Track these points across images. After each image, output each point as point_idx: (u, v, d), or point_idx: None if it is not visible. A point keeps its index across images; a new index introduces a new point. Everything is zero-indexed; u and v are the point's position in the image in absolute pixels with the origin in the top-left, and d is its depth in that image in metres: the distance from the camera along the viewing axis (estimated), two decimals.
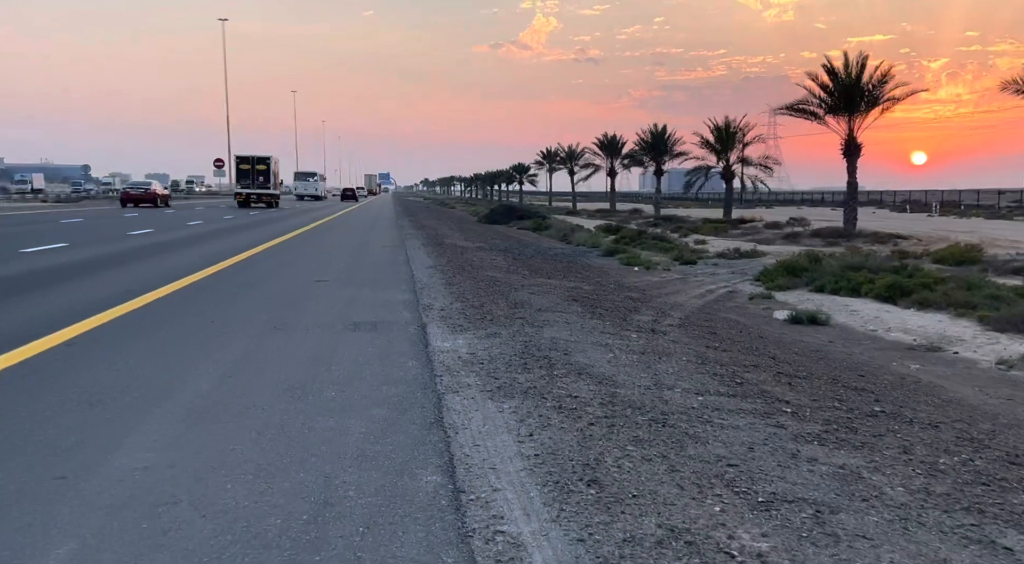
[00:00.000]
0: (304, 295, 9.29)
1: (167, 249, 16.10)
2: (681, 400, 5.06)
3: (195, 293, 9.32)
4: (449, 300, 9.09)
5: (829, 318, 9.99)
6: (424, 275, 11.62)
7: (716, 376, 6.02)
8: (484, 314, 8.15)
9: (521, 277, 12.80)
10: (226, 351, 5.84)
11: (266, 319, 7.32)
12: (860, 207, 71.59)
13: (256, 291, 9.71)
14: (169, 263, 12.95)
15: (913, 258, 17.73)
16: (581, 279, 13.58)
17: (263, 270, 12.32)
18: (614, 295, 11.54)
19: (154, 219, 29.24)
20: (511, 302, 9.34)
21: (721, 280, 15.53)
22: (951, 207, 59.40)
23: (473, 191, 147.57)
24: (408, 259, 14.32)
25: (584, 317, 8.68)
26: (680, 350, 7.12)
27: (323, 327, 6.99)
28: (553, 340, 6.92)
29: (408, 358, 5.76)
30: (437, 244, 19.35)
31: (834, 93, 26.46)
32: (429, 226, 29.87)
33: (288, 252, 16.14)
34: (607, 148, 57.05)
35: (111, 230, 22.36)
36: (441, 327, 7.21)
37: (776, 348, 8.02)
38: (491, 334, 6.95)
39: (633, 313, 9.59)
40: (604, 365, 5.99)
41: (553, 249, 21.47)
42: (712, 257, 20.35)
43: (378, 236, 22.78)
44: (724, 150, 36.47)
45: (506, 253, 18.40)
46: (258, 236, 20.67)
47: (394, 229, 26.59)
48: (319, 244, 19.19)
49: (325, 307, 8.30)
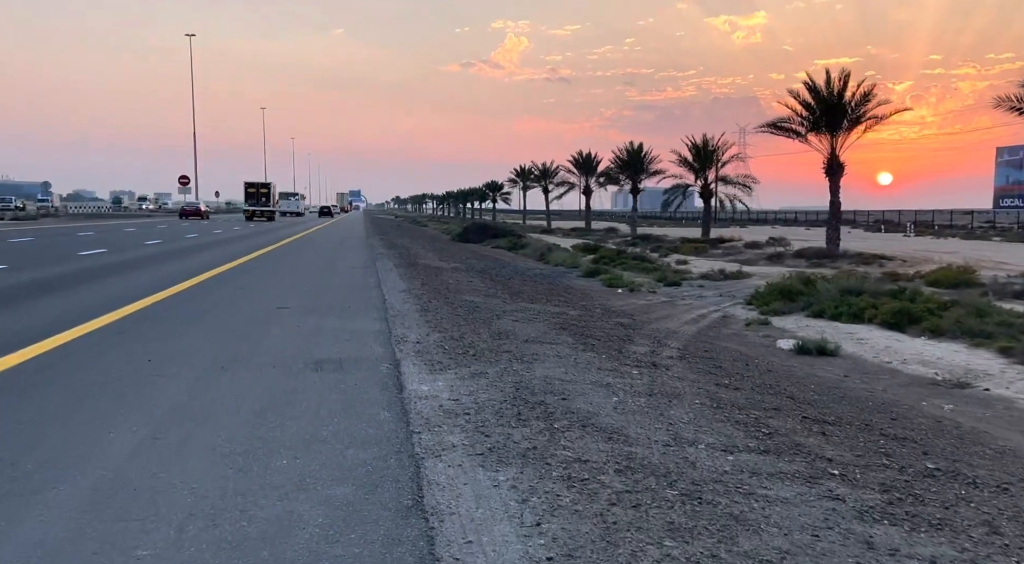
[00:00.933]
0: (262, 325, 8.31)
1: (132, 266, 15.02)
2: (710, 461, 4.19)
3: (135, 323, 8.30)
4: (425, 330, 8.16)
5: (838, 348, 9.20)
6: (397, 300, 10.69)
7: (738, 424, 5.16)
8: (466, 347, 7.24)
9: (502, 301, 11.91)
10: (158, 401, 4.86)
11: (213, 356, 6.34)
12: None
13: (209, 319, 8.71)
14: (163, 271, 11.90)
15: (905, 280, 17.11)
16: (565, 303, 12.73)
17: (221, 295, 11.31)
18: (603, 322, 10.70)
19: (158, 232, 28.04)
20: (494, 332, 8.44)
21: (710, 303, 14.76)
22: (925, 227, 59.54)
23: (445, 209, 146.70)
24: (379, 282, 13.36)
25: (576, 349, 7.80)
26: (689, 390, 6.26)
27: (280, 366, 6.03)
28: (547, 380, 6.03)
29: (380, 407, 4.82)
30: (410, 265, 18.42)
31: (816, 111, 25.98)
32: (401, 245, 28.90)
33: (252, 272, 15.11)
34: (582, 166, 56.51)
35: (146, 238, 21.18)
36: (418, 364, 6.29)
37: (790, 385, 7.19)
38: (476, 373, 6.04)
39: (627, 343, 8.74)
40: (610, 413, 5.11)
41: (531, 270, 20.62)
42: (696, 278, 19.62)
43: (348, 255, 21.79)
44: (702, 168, 35.96)
45: (483, 274, 17.50)
46: (229, 252, 19.63)
47: (364, 248, 25.59)
48: (286, 264, 18.17)
49: (284, 340, 7.33)
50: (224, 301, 10.46)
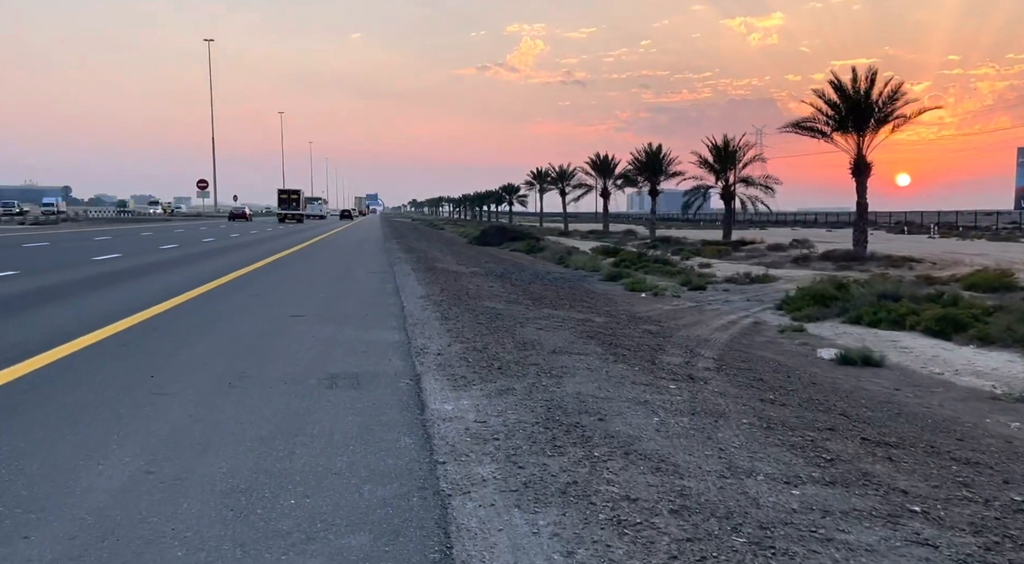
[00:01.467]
0: (274, 336, 7.88)
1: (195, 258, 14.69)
2: (773, 497, 3.69)
3: (142, 334, 7.89)
4: (447, 340, 7.70)
5: (884, 358, 8.66)
6: (416, 307, 10.24)
7: (795, 449, 4.66)
8: (490, 359, 6.78)
9: (524, 308, 11.44)
10: (156, 425, 4.42)
11: (221, 371, 5.90)
12: (851, 229, 70.78)
13: (220, 329, 8.30)
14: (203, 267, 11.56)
15: (940, 284, 16.49)
16: (589, 309, 12.24)
17: (235, 302, 10.91)
18: (631, 329, 10.21)
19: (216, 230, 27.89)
20: (519, 341, 7.97)
21: (739, 308, 14.22)
22: (948, 229, 58.55)
23: (462, 212, 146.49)
24: (397, 288, 12.92)
25: (607, 360, 7.32)
26: (733, 407, 5.77)
27: (291, 382, 5.58)
28: (580, 397, 5.55)
29: (400, 432, 4.36)
30: (428, 269, 17.98)
31: (842, 110, 25.36)
32: (419, 248, 28.49)
33: (269, 276, 14.72)
34: (600, 168, 55.98)
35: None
36: (440, 380, 5.83)
37: (840, 400, 6.67)
38: (503, 389, 5.57)
39: (659, 353, 8.25)
40: (653, 436, 4.62)
41: (551, 273, 20.14)
42: (721, 282, 19.06)
43: (365, 260, 21.39)
44: (723, 169, 35.33)
45: (503, 279, 17.04)
46: (246, 257, 19.28)
47: (382, 253, 25.20)
48: (304, 268, 17.78)
49: (298, 352, 6.89)
50: (237, 308, 10.06)
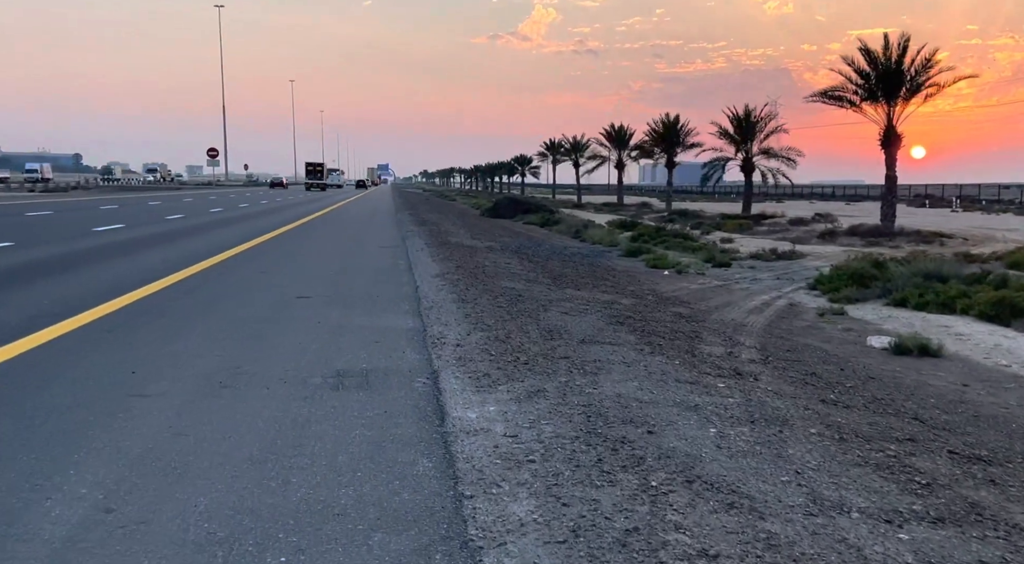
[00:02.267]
0: (277, 321, 7.19)
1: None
2: (879, 545, 2.99)
3: (131, 317, 7.22)
4: (466, 328, 7.00)
5: (941, 348, 7.91)
6: (430, 288, 9.53)
7: (881, 470, 3.95)
8: (515, 351, 6.08)
9: (545, 288, 10.72)
10: (128, 439, 3.73)
11: (214, 365, 5.22)
12: (873, 202, 69.62)
13: (217, 312, 7.62)
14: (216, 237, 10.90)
15: (981, 262, 15.66)
16: (613, 289, 11.51)
17: (237, 279, 10.23)
18: (660, 312, 9.49)
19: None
20: (544, 329, 7.27)
21: (770, 288, 13.45)
22: (970, 202, 57.29)
23: (473, 183, 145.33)
24: (410, 265, 12.22)
25: (642, 352, 6.61)
26: (794, 411, 5.06)
27: (292, 381, 4.89)
28: (621, 400, 4.85)
29: (417, 451, 3.66)
30: (441, 243, 17.26)
31: (871, 78, 24.32)
32: (431, 221, 27.75)
33: (278, 250, 14.04)
34: (614, 139, 54.86)
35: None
36: (460, 378, 5.13)
37: (906, 399, 5.95)
38: (532, 391, 4.87)
39: (696, 341, 7.53)
40: (715, 454, 3.92)
41: (568, 248, 19.39)
42: (746, 258, 18.24)
43: (376, 233, 20.68)
44: (743, 141, 34.27)
45: (519, 254, 16.31)
46: (259, 226, 18.60)
47: (393, 225, 24.48)
48: (314, 241, 17.10)
49: (301, 342, 6.20)
50: (239, 287, 9.38)
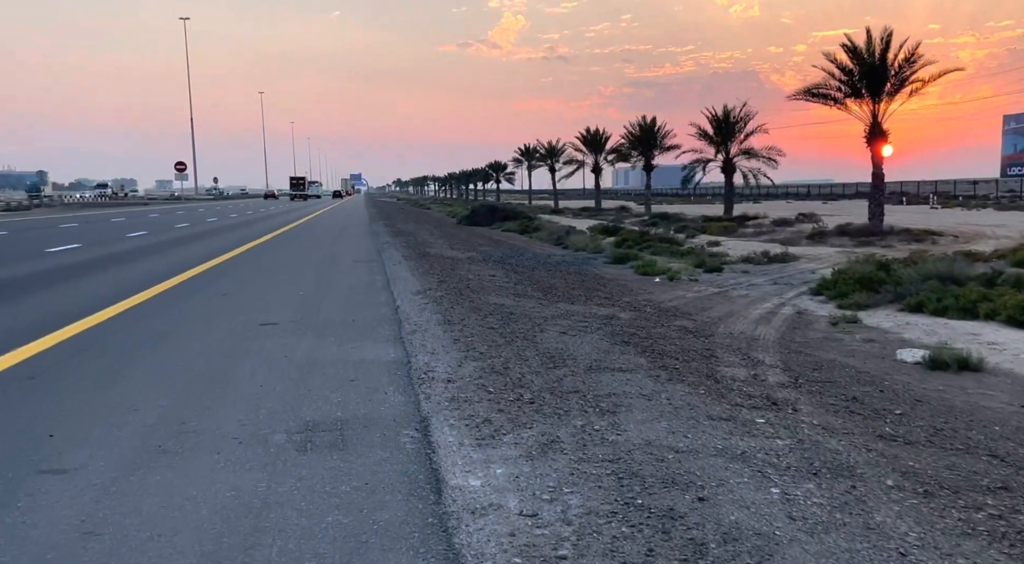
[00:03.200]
0: (236, 356, 6.26)
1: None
2: None
3: (64, 359, 6.26)
4: (456, 356, 6.13)
5: (982, 361, 7.15)
6: (412, 308, 8.65)
7: (999, 541, 3.14)
8: (516, 386, 5.22)
9: (536, 303, 9.88)
10: (20, 544, 2.82)
11: (154, 420, 4.30)
12: (849, 200, 69.36)
13: (167, 348, 6.67)
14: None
15: (983, 261, 15.04)
16: (607, 301, 10.69)
17: (195, 304, 9.28)
18: (662, 327, 8.67)
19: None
20: (544, 354, 6.42)
21: (770, 294, 12.69)
22: (946, 198, 57.33)
23: (448, 191, 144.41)
24: (388, 281, 11.31)
25: (658, 379, 5.78)
26: (857, 455, 4.24)
27: (249, 441, 3.99)
28: (652, 449, 4.00)
29: (412, 551, 2.78)
30: (420, 255, 16.37)
31: (856, 74, 23.76)
32: (407, 231, 26.82)
33: (244, 267, 13.07)
34: (591, 143, 54.21)
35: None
36: (456, 427, 4.25)
37: (968, 428, 5.15)
38: (545, 443, 4.01)
39: (712, 361, 6.71)
40: (791, 532, 3.08)
41: (552, 256, 18.56)
42: (737, 262, 17.48)
43: (351, 246, 19.73)
44: (724, 142, 33.69)
45: (503, 265, 15.46)
46: (224, 242, 17.59)
47: (368, 236, 23.52)
48: (281, 259, 16.12)
49: (264, 384, 5.29)
50: (198, 314, 8.43)
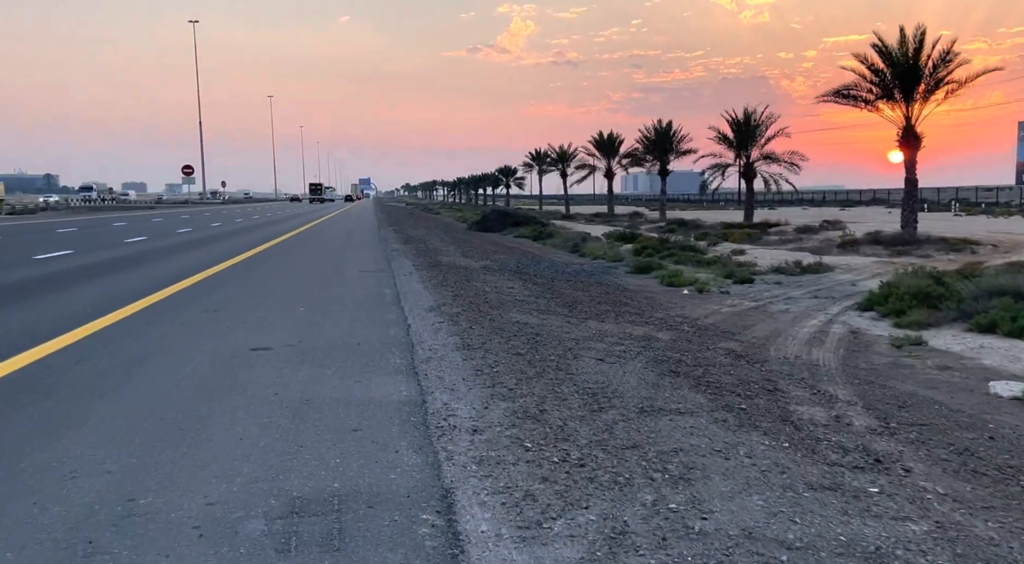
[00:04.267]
0: (216, 394, 5.24)
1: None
2: None
3: (9, 397, 5.26)
4: (480, 394, 5.10)
5: None
6: (425, 328, 7.62)
7: None
8: (557, 438, 4.19)
9: (563, 320, 8.85)
10: None
11: (94, 496, 3.28)
12: (866, 207, 68.16)
13: (138, 380, 5.66)
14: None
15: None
16: (639, 317, 9.65)
17: (181, 323, 8.28)
18: (708, 350, 7.63)
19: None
20: (584, 389, 5.38)
21: (812, 309, 11.61)
22: (968, 206, 56.13)
23: (456, 196, 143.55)
24: (398, 295, 10.29)
25: (726, 424, 4.74)
26: (1020, 549, 3.19)
27: (212, 534, 2.95)
28: (755, 547, 2.97)
29: None
30: (432, 265, 15.35)
31: (887, 76, 22.69)
32: (417, 237, 25.83)
33: (240, 278, 12.09)
34: (604, 147, 53.20)
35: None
36: (491, 507, 3.22)
37: None
38: (610, 537, 2.97)
39: (783, 399, 5.67)
40: None
41: (570, 265, 17.52)
42: (767, 273, 16.38)
43: (358, 254, 18.73)
44: (744, 146, 32.61)
45: (520, 275, 14.44)
46: (224, 249, 16.62)
47: (377, 242, 22.53)
48: (282, 268, 15.13)
49: (243, 437, 4.26)
50: (180, 336, 7.42)
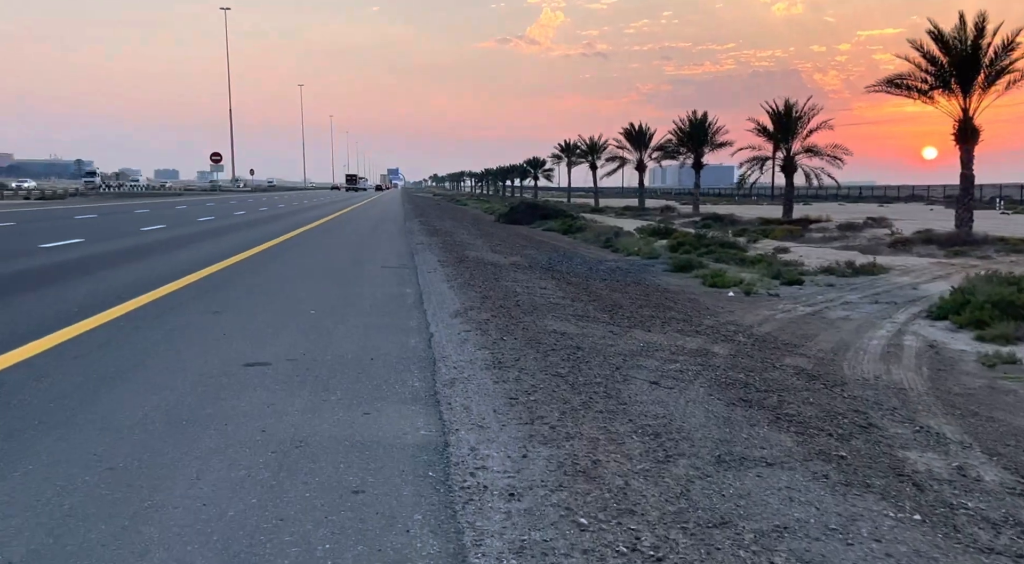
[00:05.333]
0: (190, 429, 4.27)
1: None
2: None
3: None
4: (516, 434, 4.10)
5: None
6: (449, 338, 6.63)
7: None
8: (620, 509, 3.20)
9: (604, 328, 7.83)
10: None
11: None
12: (904, 204, 66.19)
13: (101, 404, 4.73)
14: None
15: None
16: (687, 324, 8.62)
17: (172, 327, 7.37)
18: (777, 370, 6.59)
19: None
20: (642, 426, 4.37)
21: (874, 316, 10.49)
22: (1012, 203, 54.25)
23: (484, 187, 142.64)
24: (421, 295, 9.30)
25: (834, 487, 3.74)
26: None
27: None
28: None
29: None
30: (458, 260, 14.38)
31: (943, 65, 21.35)
32: (443, 229, 24.88)
33: (248, 276, 11.20)
34: (635, 139, 51.94)
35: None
36: None
37: None
38: None
39: (885, 440, 4.62)
40: None
41: (603, 262, 16.48)
42: (816, 273, 15.20)
43: (381, 247, 17.79)
44: (784, 138, 31.27)
45: (552, 273, 13.43)
46: (243, 239, 15.79)
47: (401, 235, 21.60)
48: (298, 262, 14.24)
49: (207, 502, 3.30)
50: (167, 344, 6.48)
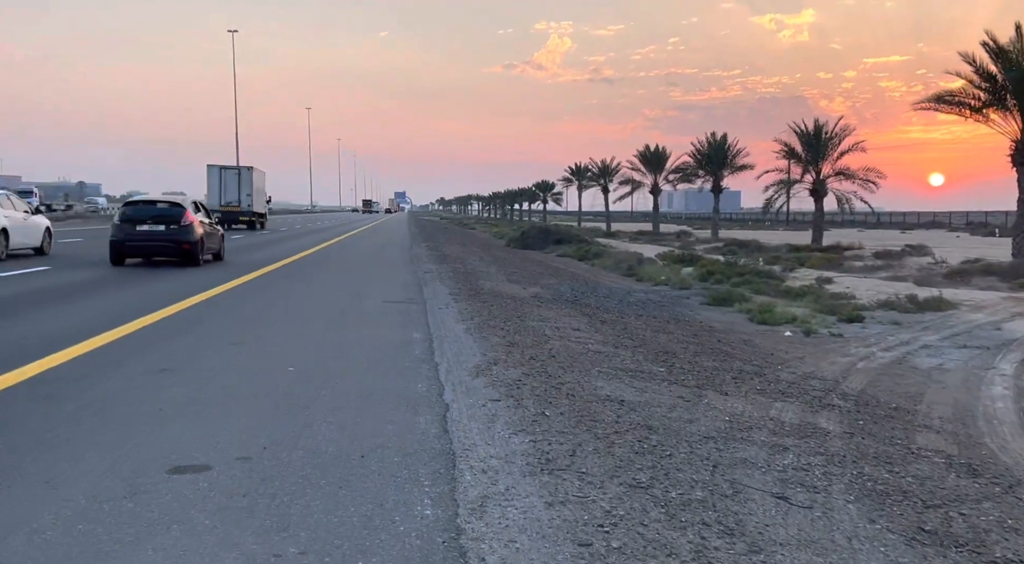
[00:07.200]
0: None
1: None
2: None
3: None
4: None
5: None
6: (474, 416, 4.85)
7: None
8: None
9: (668, 391, 6.05)
10: None
11: None
12: (925, 231, 64.19)
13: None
14: None
15: None
16: (763, 380, 6.86)
17: (95, 396, 5.64)
18: (918, 461, 4.83)
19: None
20: None
21: (971, 364, 8.71)
22: None
23: (491, 211, 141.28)
24: (432, 342, 7.50)
25: None
26: None
27: None
28: None
29: None
30: (472, 292, 12.63)
31: (999, 81, 19.69)
32: (453, 255, 23.16)
33: (219, 316, 9.49)
34: (650, 162, 50.34)
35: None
36: None
37: None
38: None
39: None
40: None
41: (632, 293, 14.69)
42: (874, 308, 13.41)
43: (384, 277, 16.04)
44: (813, 161, 29.58)
45: (580, 307, 11.68)
46: (244, 262, 14.14)
47: (408, 263, 19.88)
48: (286, 297, 12.53)
49: None
50: (67, 434, 4.71)
